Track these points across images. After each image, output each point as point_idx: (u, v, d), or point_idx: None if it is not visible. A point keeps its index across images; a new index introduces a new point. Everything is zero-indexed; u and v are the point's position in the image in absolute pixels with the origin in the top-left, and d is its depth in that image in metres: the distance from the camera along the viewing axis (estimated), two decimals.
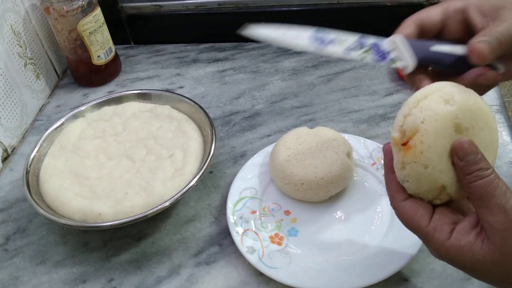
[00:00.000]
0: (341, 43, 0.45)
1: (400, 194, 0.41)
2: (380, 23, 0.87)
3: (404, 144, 0.39)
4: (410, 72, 0.44)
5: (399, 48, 0.44)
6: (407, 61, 0.44)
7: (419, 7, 0.81)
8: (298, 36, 0.46)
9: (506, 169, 0.63)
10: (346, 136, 0.67)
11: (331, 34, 0.46)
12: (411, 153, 0.39)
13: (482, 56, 0.41)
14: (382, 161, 0.64)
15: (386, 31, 0.88)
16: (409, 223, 0.41)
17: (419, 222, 0.40)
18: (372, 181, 0.63)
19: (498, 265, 0.37)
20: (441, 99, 0.39)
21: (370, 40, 0.45)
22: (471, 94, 0.41)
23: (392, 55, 0.45)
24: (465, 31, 0.44)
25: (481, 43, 0.41)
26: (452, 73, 0.44)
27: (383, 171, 0.50)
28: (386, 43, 0.45)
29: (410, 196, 0.41)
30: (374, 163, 0.64)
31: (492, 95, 0.74)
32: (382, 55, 0.45)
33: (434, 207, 0.41)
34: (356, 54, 0.45)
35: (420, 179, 0.39)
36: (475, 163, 0.38)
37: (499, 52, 0.42)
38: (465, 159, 0.38)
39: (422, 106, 0.39)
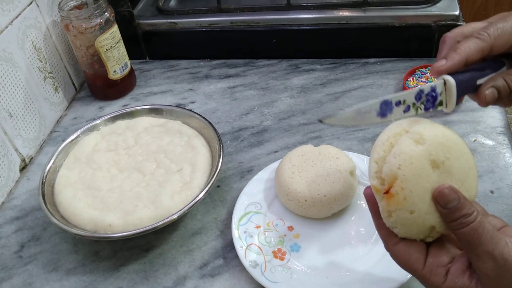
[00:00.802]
0: (403, 102, 0.42)
1: (391, 238, 0.42)
2: (388, 43, 0.89)
3: (386, 192, 0.40)
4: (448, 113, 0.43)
5: (449, 91, 0.42)
6: (452, 106, 0.43)
7: (427, 28, 0.84)
8: (368, 112, 0.42)
9: (507, 191, 0.64)
10: (350, 154, 0.68)
11: (395, 97, 0.42)
12: (394, 201, 0.39)
13: (483, 104, 0.42)
14: None
15: (393, 50, 0.91)
16: (404, 266, 0.41)
17: (414, 266, 0.40)
18: None
19: None
20: (411, 140, 0.40)
21: (427, 89, 0.42)
22: (437, 127, 0.41)
23: (439, 99, 0.43)
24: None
25: (488, 92, 0.42)
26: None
27: None
28: (438, 85, 0.42)
29: (402, 238, 0.41)
30: None
31: (496, 116, 0.75)
32: (432, 101, 0.42)
33: (428, 244, 0.42)
34: (412, 111, 0.42)
35: (408, 224, 0.40)
36: (457, 209, 0.38)
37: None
38: (447, 206, 0.38)
39: (395, 152, 0.40)
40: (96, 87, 0.88)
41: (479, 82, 0.43)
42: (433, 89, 0.42)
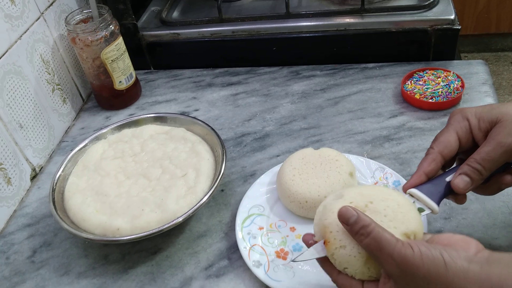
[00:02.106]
0: None
1: (334, 270, 0.48)
2: (386, 48, 0.91)
3: (326, 243, 0.47)
4: (437, 213, 0.51)
5: (420, 198, 0.51)
6: (432, 207, 0.50)
7: (423, 32, 0.86)
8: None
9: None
10: (349, 156, 0.70)
11: None
12: (329, 245, 0.47)
13: (459, 191, 0.50)
14: (384, 181, 0.67)
15: (391, 55, 0.93)
16: None
17: None
18: None
19: None
20: (334, 197, 0.50)
21: None
22: (362, 186, 0.53)
23: (417, 206, 0.51)
24: (476, 145, 0.51)
25: (457, 180, 0.50)
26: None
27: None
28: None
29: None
30: (377, 182, 0.68)
31: None
32: None
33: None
34: None
35: (347, 259, 0.45)
36: (356, 223, 0.44)
37: (486, 174, 0.50)
38: (348, 222, 0.44)
39: (322, 210, 0.49)
40: (102, 97, 0.90)
41: (447, 179, 0.51)
42: None
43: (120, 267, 0.64)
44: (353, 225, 0.44)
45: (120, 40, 0.85)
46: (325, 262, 0.49)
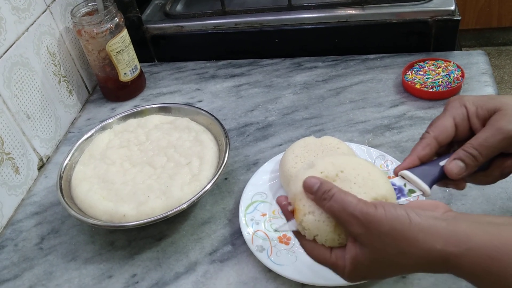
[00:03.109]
0: None
1: (300, 236, 0.48)
2: (387, 39, 0.92)
3: (293, 211, 0.48)
4: (429, 196, 0.50)
5: (411, 179, 0.50)
6: (423, 188, 0.49)
7: (424, 23, 0.87)
8: None
9: None
10: (351, 145, 0.72)
11: None
12: (297, 213, 0.47)
13: (453, 176, 0.49)
14: (385, 168, 0.68)
15: (392, 46, 0.93)
16: (316, 258, 0.47)
17: (324, 256, 0.46)
18: None
19: (374, 261, 0.42)
20: (306, 166, 0.49)
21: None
22: (335, 156, 0.53)
23: (407, 188, 0.50)
24: (472, 135, 0.50)
25: (451, 164, 0.49)
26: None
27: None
28: (397, 180, 0.51)
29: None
30: None
31: None
32: (400, 192, 0.50)
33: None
34: None
35: (315, 226, 0.45)
36: (318, 189, 0.44)
37: (481, 160, 0.49)
38: (312, 191, 0.45)
39: (294, 180, 0.49)
40: (108, 89, 0.92)
41: (441, 163, 0.50)
42: (393, 184, 0.50)
43: (126, 253, 0.66)
44: (317, 192, 0.44)
45: (125, 33, 0.87)
46: (297, 232, 0.49)
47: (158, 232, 0.67)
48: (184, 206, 0.62)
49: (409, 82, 0.82)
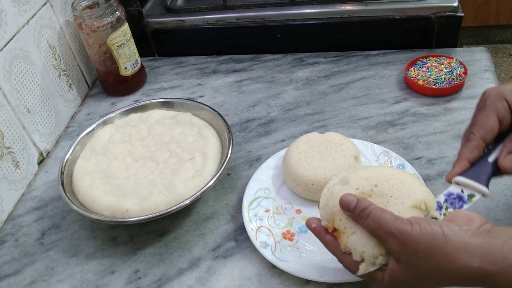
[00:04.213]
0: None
1: (339, 249, 0.49)
2: (390, 35, 0.92)
3: (334, 230, 0.48)
4: (489, 196, 0.49)
5: (467, 184, 0.49)
6: (482, 191, 0.48)
7: (427, 19, 0.87)
8: None
9: None
10: (354, 141, 0.71)
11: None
12: (339, 233, 0.48)
13: (509, 171, 0.48)
14: (389, 164, 0.68)
15: (395, 42, 0.93)
16: (354, 273, 0.48)
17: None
18: None
19: (411, 276, 0.44)
20: (339, 184, 0.50)
21: (442, 197, 0.50)
22: (363, 169, 0.51)
23: (466, 194, 0.49)
24: None
25: (506, 160, 0.48)
26: None
27: None
28: (453, 188, 0.50)
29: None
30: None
31: None
32: (460, 201, 0.49)
33: None
34: (441, 218, 0.48)
35: (357, 244, 0.46)
36: (356, 208, 0.45)
37: None
38: (350, 208, 0.46)
39: (329, 196, 0.50)
40: (108, 83, 0.91)
41: (490, 159, 0.49)
42: (450, 193, 0.49)
43: (128, 249, 0.65)
44: (354, 209, 0.46)
45: (126, 26, 0.86)
46: (328, 244, 0.50)
47: (161, 227, 0.67)
48: (187, 201, 0.61)
49: (411, 79, 0.82)
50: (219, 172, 0.65)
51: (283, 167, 0.68)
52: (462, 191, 0.49)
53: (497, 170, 0.49)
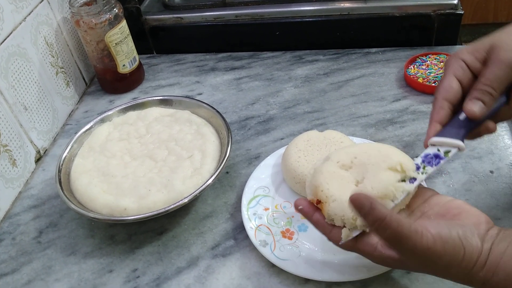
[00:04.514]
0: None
1: (326, 227, 0.50)
2: (389, 33, 0.92)
3: (318, 202, 0.50)
4: (464, 149, 0.50)
5: (443, 142, 0.50)
6: (457, 144, 0.50)
7: (427, 17, 0.86)
8: None
9: (507, 170, 0.66)
10: (354, 139, 0.71)
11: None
12: (323, 203, 0.49)
13: (476, 115, 0.49)
14: None
15: (394, 40, 0.93)
16: (343, 246, 0.49)
17: (349, 242, 0.48)
18: None
19: (418, 268, 0.46)
20: (322, 161, 0.53)
21: (419, 159, 0.51)
22: (349, 147, 0.54)
23: (442, 151, 0.51)
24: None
25: (469, 105, 0.49)
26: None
27: None
28: (430, 150, 0.51)
29: (335, 226, 0.50)
30: None
31: None
32: (437, 159, 0.50)
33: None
34: (422, 177, 0.50)
35: (337, 211, 0.48)
36: (369, 214, 0.42)
37: (496, 95, 0.49)
38: (362, 212, 0.42)
39: (311, 173, 0.53)
40: (106, 81, 0.90)
41: (461, 117, 0.51)
42: (427, 154, 0.51)
43: (127, 247, 0.65)
44: (367, 215, 0.42)
45: (124, 23, 0.85)
46: (317, 223, 0.50)
47: (159, 226, 0.66)
48: (186, 200, 0.61)
49: (411, 76, 0.82)
50: (218, 170, 0.64)
51: (283, 165, 0.68)
52: (438, 150, 0.51)
53: (474, 127, 0.51)
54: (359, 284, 0.56)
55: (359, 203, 0.42)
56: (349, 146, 0.56)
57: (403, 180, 0.49)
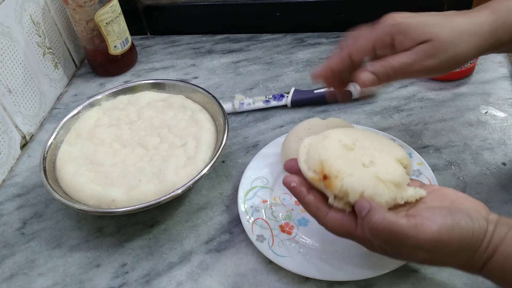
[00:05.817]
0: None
1: (320, 211, 0.45)
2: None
3: (324, 178, 0.45)
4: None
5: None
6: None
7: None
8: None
9: None
10: (358, 127, 0.67)
11: None
12: (332, 179, 0.44)
13: (365, 84, 0.49)
14: None
15: None
16: (339, 232, 0.45)
17: (349, 228, 0.44)
18: None
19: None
20: (320, 138, 0.49)
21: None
22: (342, 129, 0.51)
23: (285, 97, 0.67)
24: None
25: (364, 74, 0.49)
26: None
27: None
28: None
29: (330, 208, 0.45)
30: None
31: (508, 87, 0.73)
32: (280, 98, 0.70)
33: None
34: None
35: (355, 185, 0.44)
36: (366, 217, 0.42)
37: (392, 81, 0.50)
38: (361, 215, 0.42)
39: (312, 150, 0.47)
40: (96, 63, 0.86)
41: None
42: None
43: (115, 240, 0.61)
44: (364, 218, 0.42)
45: (115, 2, 0.80)
46: (308, 205, 0.46)
47: (150, 218, 0.62)
48: (179, 191, 0.57)
49: None
50: (214, 160, 0.60)
51: (282, 155, 0.64)
52: None
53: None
54: (362, 283, 0.53)
55: (361, 206, 0.43)
56: (344, 128, 0.53)
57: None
